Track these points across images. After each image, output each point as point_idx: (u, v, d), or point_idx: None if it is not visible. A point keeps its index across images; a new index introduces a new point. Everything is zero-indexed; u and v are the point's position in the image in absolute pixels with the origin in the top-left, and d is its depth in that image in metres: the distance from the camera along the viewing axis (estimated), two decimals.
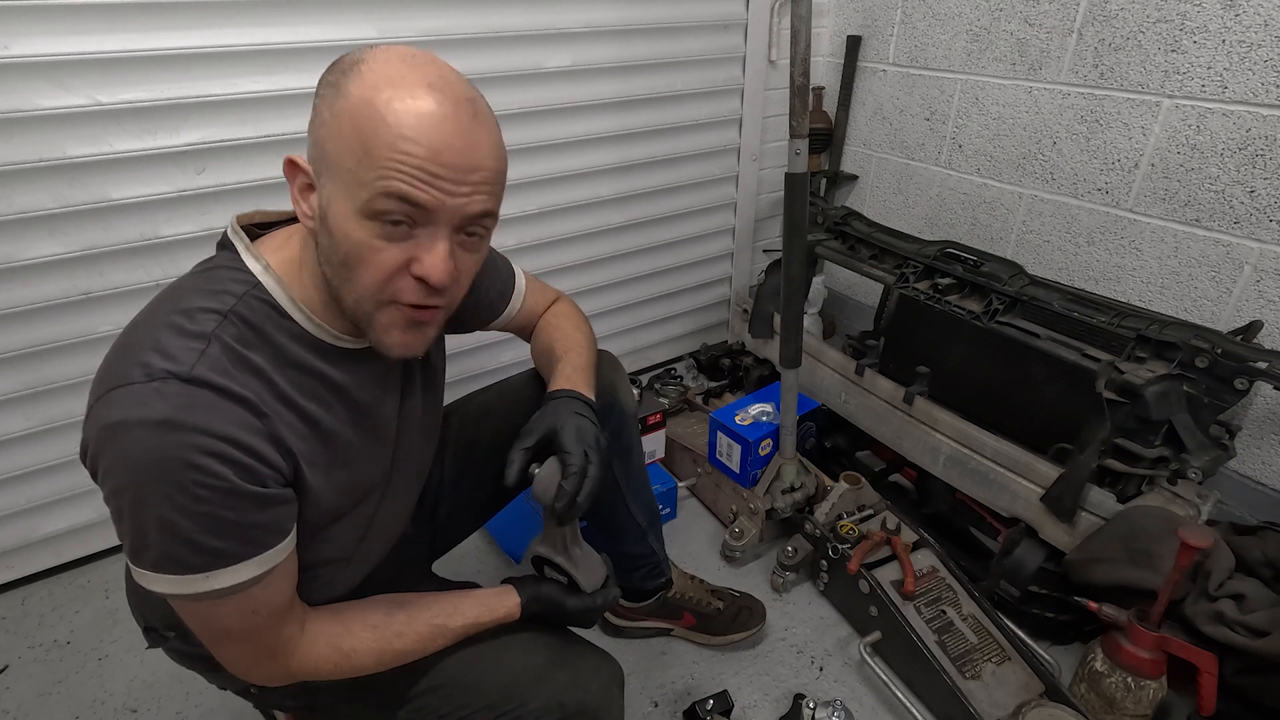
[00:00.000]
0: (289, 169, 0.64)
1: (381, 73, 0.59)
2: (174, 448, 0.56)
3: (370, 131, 0.58)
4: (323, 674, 0.72)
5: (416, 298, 0.64)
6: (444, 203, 0.60)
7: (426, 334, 0.69)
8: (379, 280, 0.62)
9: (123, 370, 0.58)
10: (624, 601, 1.30)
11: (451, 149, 0.59)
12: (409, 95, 0.58)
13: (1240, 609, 1.10)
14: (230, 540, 0.61)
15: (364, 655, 0.73)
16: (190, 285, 0.66)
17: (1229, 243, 1.37)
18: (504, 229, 1.71)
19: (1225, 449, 1.17)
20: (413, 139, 0.58)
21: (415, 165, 0.58)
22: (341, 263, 0.62)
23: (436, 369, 0.90)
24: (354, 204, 0.60)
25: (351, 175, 0.59)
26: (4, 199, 1.19)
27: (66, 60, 1.16)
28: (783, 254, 1.31)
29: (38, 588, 1.47)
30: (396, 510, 0.84)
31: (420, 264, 0.62)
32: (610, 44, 1.68)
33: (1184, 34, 1.35)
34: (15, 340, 1.29)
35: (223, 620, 0.65)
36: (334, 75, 0.61)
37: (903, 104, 1.94)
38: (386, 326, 0.66)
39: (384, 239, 0.61)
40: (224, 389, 0.59)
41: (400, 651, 0.75)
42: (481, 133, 0.62)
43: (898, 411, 1.51)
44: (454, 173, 0.60)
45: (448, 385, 1.41)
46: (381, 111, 0.58)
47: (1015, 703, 1.11)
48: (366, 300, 0.64)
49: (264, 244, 0.69)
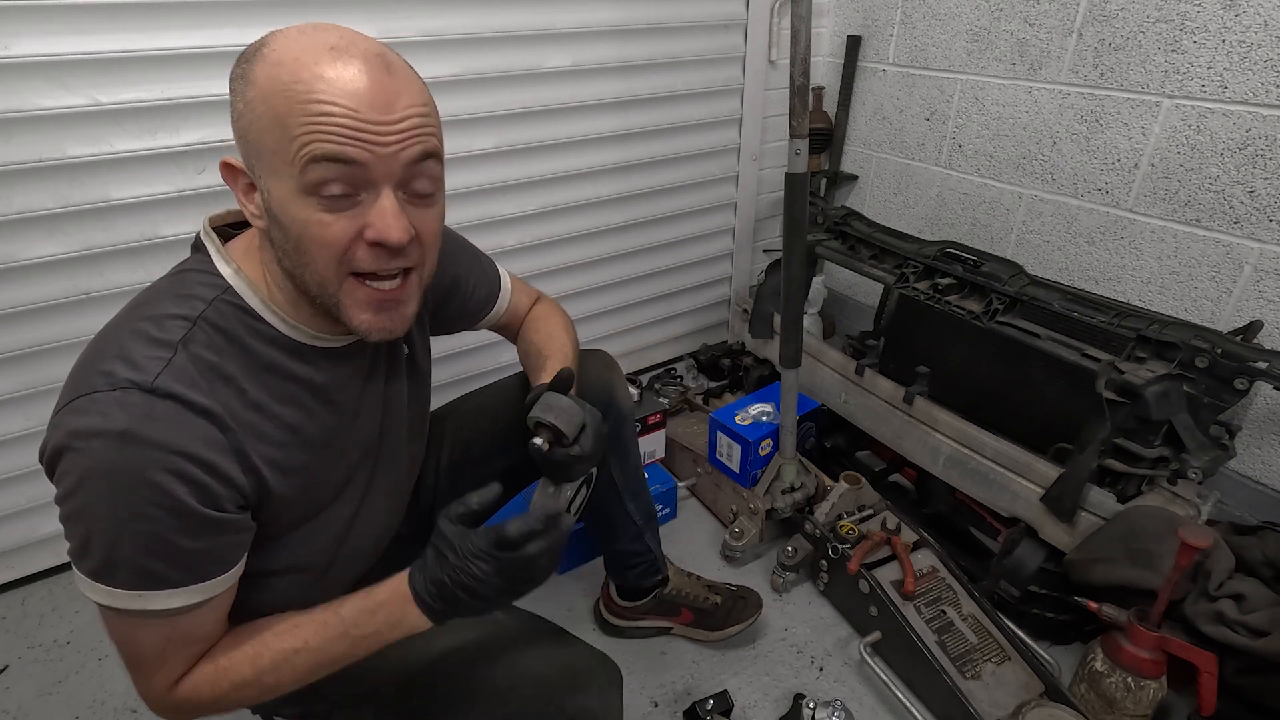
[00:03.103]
0: (226, 173, 0.63)
1: (283, 49, 0.58)
2: (131, 461, 0.55)
3: (283, 106, 0.56)
4: (204, 698, 0.65)
5: (377, 264, 0.62)
6: (375, 153, 0.58)
7: (403, 312, 0.67)
8: (334, 254, 0.61)
9: (87, 378, 0.57)
10: (621, 600, 1.30)
11: (366, 100, 0.57)
12: (312, 63, 0.57)
13: (1240, 609, 1.10)
14: (170, 565, 0.60)
15: (240, 664, 0.65)
16: (162, 289, 0.64)
17: (1229, 243, 1.37)
18: (504, 229, 1.71)
19: (1225, 449, 1.17)
20: (326, 100, 0.56)
21: (335, 123, 0.56)
22: (295, 248, 0.61)
23: (422, 368, 0.89)
24: (290, 184, 0.58)
25: (278, 156, 0.58)
26: (4, 199, 1.19)
27: (66, 60, 1.16)
28: (783, 254, 1.31)
29: (38, 588, 1.47)
30: (382, 510, 0.83)
31: (372, 227, 0.60)
32: (610, 44, 1.68)
33: (1184, 34, 1.35)
34: (15, 340, 1.29)
35: (138, 642, 0.63)
36: (240, 67, 0.59)
37: (903, 104, 1.94)
38: (355, 307, 0.64)
39: (329, 212, 0.59)
40: (188, 401, 0.58)
41: (280, 651, 0.65)
42: (397, 81, 0.60)
43: (898, 411, 1.51)
44: (377, 124, 0.58)
45: (446, 386, 1.42)
46: (289, 84, 0.56)
47: (1015, 703, 1.11)
48: (329, 281, 0.62)
49: (234, 245, 0.68)
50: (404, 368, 0.83)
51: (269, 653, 0.65)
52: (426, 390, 0.93)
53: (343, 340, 0.70)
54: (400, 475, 0.86)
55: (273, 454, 0.65)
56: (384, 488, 0.82)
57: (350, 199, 0.59)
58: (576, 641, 0.87)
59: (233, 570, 0.65)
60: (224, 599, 0.66)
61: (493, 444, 1.03)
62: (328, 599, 0.74)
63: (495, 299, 0.98)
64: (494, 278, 0.99)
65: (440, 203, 0.67)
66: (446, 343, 1.68)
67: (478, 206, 1.64)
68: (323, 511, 0.73)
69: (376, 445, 0.79)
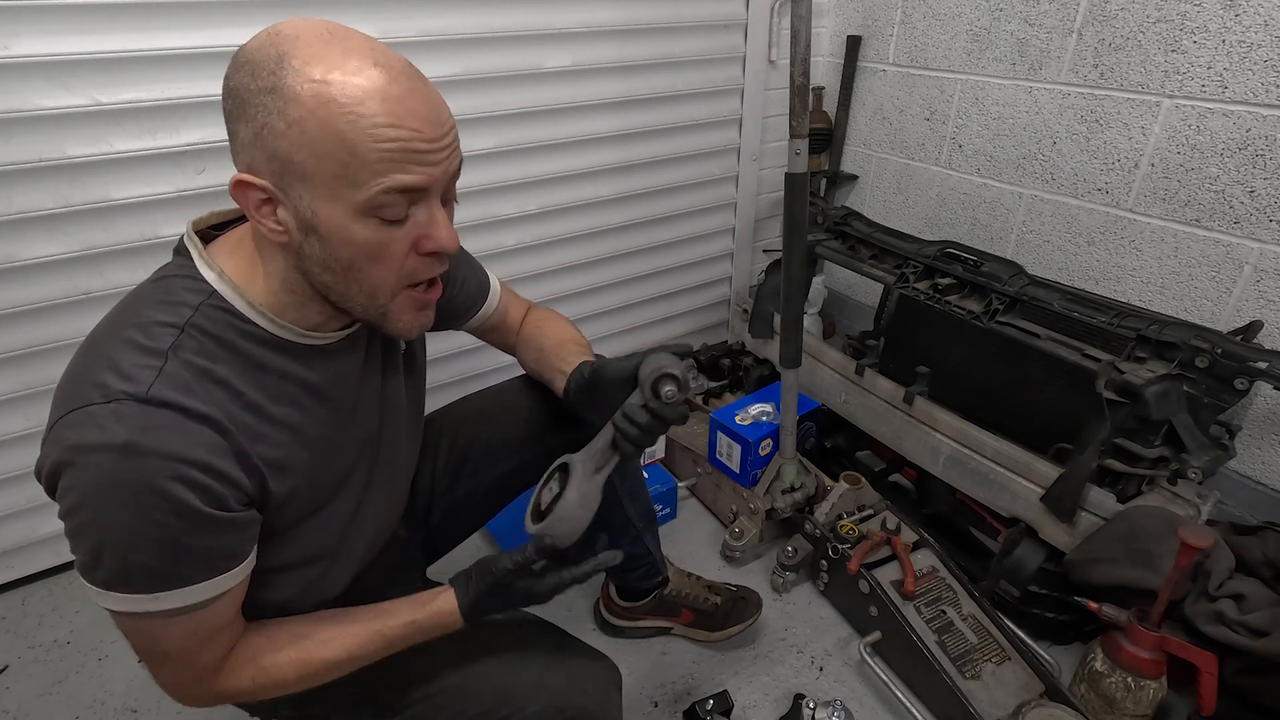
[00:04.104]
0: (239, 190, 0.60)
1: (317, 61, 0.55)
2: (136, 473, 0.55)
3: (348, 129, 0.55)
4: (244, 693, 0.69)
5: (433, 272, 0.66)
6: (435, 176, 0.60)
7: (433, 310, 0.71)
8: (395, 269, 0.63)
9: (80, 391, 0.57)
10: (621, 600, 1.30)
11: (423, 120, 0.58)
12: (361, 78, 0.56)
13: (1240, 609, 1.10)
14: (184, 565, 0.60)
15: (285, 668, 0.69)
16: (145, 296, 0.64)
17: (1229, 243, 1.37)
18: (504, 229, 1.71)
19: (1225, 449, 1.17)
20: (391, 124, 0.56)
21: (403, 149, 0.57)
22: (347, 267, 0.62)
23: (419, 364, 0.89)
24: (349, 206, 0.58)
25: (339, 180, 0.57)
26: (4, 199, 1.19)
27: (66, 60, 1.16)
28: (783, 254, 1.31)
29: (38, 588, 1.47)
30: (382, 505, 0.83)
31: (430, 239, 0.63)
32: (610, 44, 1.68)
33: (1184, 34, 1.35)
34: (15, 340, 1.29)
35: (163, 641, 0.64)
36: (263, 80, 0.56)
37: (903, 104, 1.94)
38: (402, 313, 0.67)
39: (389, 230, 0.61)
40: (185, 408, 0.58)
41: (326, 661, 0.71)
42: (431, 90, 0.61)
43: (898, 411, 1.51)
44: (433, 142, 0.59)
45: (445, 386, 1.42)
46: (347, 106, 0.55)
47: (1015, 703, 1.11)
48: (383, 294, 0.64)
49: (217, 248, 0.67)
50: (401, 363, 0.83)
51: (314, 661, 0.70)
52: (423, 387, 0.93)
53: (333, 337, 0.70)
54: (398, 472, 0.86)
55: (273, 454, 0.65)
56: (382, 484, 0.82)
57: (406, 215, 0.61)
58: (576, 642, 0.87)
59: (246, 562, 0.66)
60: (240, 589, 0.67)
61: (492, 449, 1.02)
62: (325, 597, 0.75)
63: (484, 296, 0.98)
64: (482, 276, 0.98)
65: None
66: (446, 342, 1.68)
67: (478, 206, 1.64)
68: (323, 508, 0.73)
69: (375, 441, 0.79)
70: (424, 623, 0.75)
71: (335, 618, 0.74)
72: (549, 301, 1.77)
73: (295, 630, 0.72)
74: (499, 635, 0.84)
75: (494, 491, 1.04)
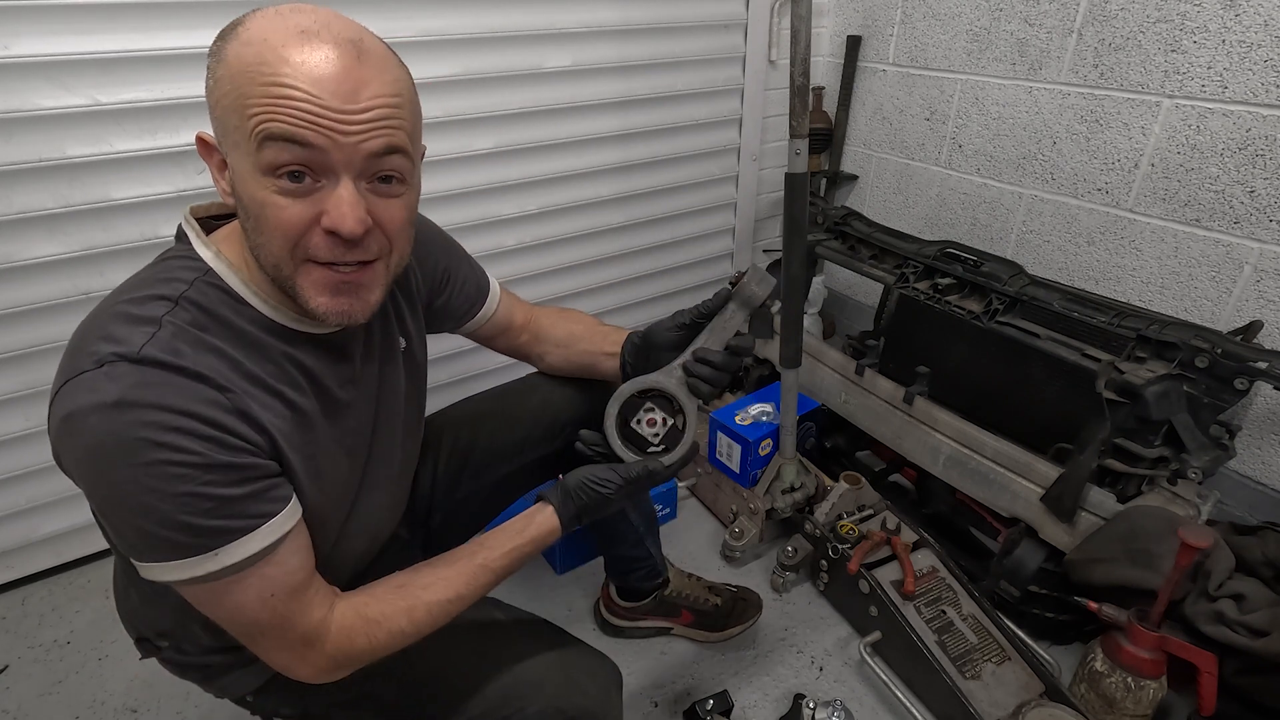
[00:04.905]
0: (202, 149, 0.62)
1: (256, 29, 0.57)
2: (131, 427, 0.54)
3: (245, 85, 0.56)
4: (359, 650, 0.68)
5: (331, 254, 0.61)
6: (334, 140, 0.57)
7: (365, 298, 0.65)
8: (289, 238, 0.60)
9: (72, 364, 0.57)
10: (622, 601, 1.30)
11: (330, 87, 0.56)
12: (280, 44, 0.56)
13: (1240, 609, 1.10)
14: (221, 517, 0.58)
15: (394, 617, 0.70)
16: (143, 277, 0.64)
17: (1229, 243, 1.37)
18: (504, 229, 1.71)
19: (1225, 449, 1.17)
20: (289, 83, 0.55)
21: (292, 105, 0.55)
22: (254, 228, 0.60)
23: (419, 363, 0.88)
24: (248, 162, 0.58)
25: (239, 131, 0.57)
26: (4, 199, 1.19)
27: (66, 60, 1.16)
28: (783, 254, 1.31)
29: (38, 588, 1.47)
30: (380, 505, 0.82)
31: (328, 215, 0.59)
32: (610, 44, 1.68)
33: (1184, 34, 1.35)
34: (15, 340, 1.29)
35: (244, 609, 0.62)
36: (216, 44, 0.59)
37: (903, 104, 1.94)
38: (311, 289, 0.62)
39: (286, 195, 0.58)
40: (179, 367, 0.57)
41: (433, 604, 0.72)
42: (366, 69, 0.58)
43: (898, 411, 1.51)
44: (338, 112, 0.57)
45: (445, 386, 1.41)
46: (255, 64, 0.56)
47: (1015, 703, 1.11)
48: (283, 263, 0.61)
49: (218, 233, 0.68)
50: (400, 361, 0.82)
51: (422, 605, 0.71)
52: (423, 386, 0.91)
53: (326, 328, 0.69)
54: (396, 471, 0.84)
55: (278, 423, 0.63)
56: (379, 483, 0.80)
57: (309, 184, 0.59)
58: (576, 642, 0.87)
59: (291, 505, 0.64)
60: (299, 537, 0.65)
61: (493, 452, 1.02)
62: None
63: (484, 298, 0.97)
64: (482, 277, 0.97)
65: (409, 194, 0.66)
66: (446, 342, 1.67)
67: (478, 206, 1.64)
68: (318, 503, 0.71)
69: (369, 440, 0.78)
70: (526, 546, 0.77)
71: (432, 564, 0.75)
72: (549, 301, 1.77)
73: (393, 583, 0.72)
74: (499, 635, 0.84)
75: (495, 494, 1.04)
